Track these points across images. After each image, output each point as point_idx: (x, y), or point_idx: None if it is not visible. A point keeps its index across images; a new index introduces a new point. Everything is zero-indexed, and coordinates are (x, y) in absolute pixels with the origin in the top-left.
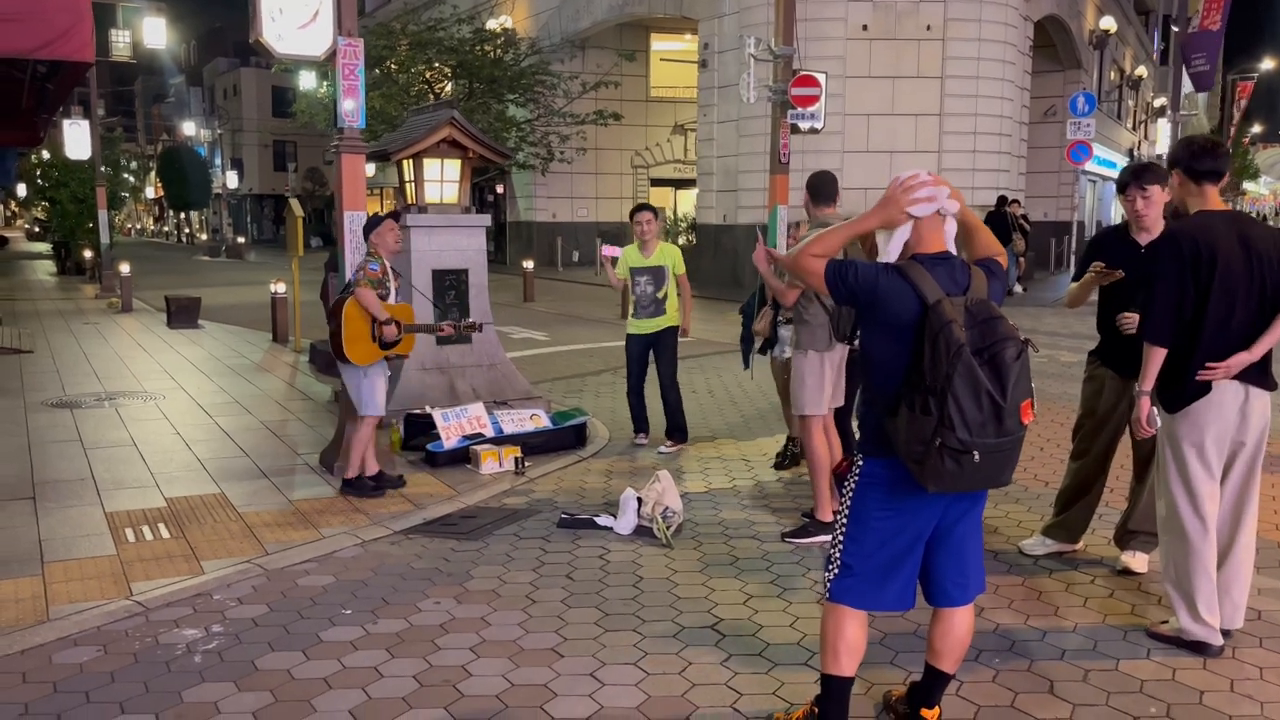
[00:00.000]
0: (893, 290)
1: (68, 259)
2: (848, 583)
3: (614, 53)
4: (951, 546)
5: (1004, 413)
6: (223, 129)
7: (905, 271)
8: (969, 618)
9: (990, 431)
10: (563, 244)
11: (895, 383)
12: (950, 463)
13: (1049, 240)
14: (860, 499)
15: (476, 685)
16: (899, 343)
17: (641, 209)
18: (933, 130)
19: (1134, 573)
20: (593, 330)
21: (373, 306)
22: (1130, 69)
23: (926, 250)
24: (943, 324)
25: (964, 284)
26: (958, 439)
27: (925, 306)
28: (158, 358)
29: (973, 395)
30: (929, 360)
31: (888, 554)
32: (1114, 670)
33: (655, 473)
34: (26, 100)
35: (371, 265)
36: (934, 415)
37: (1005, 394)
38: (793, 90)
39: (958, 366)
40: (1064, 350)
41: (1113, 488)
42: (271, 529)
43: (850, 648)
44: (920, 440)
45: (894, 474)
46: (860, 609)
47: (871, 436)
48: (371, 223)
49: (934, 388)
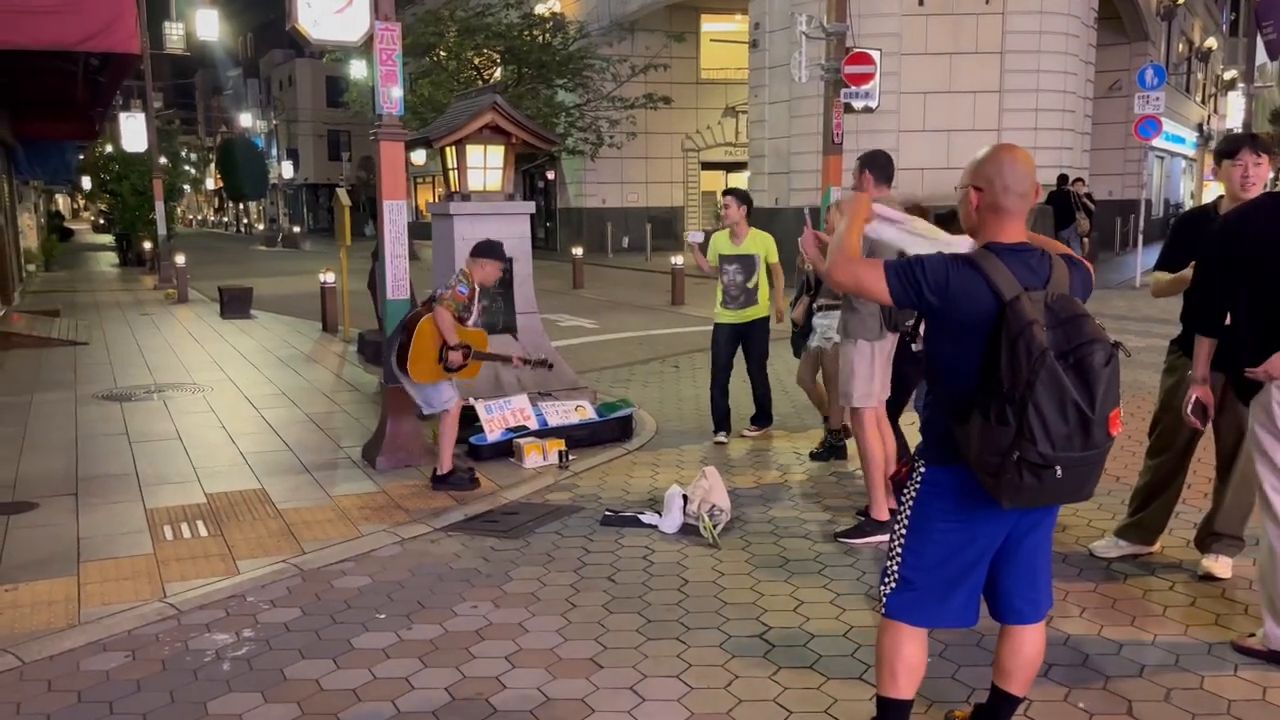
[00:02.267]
0: (965, 285)
1: (129, 250)
2: (907, 598)
3: (663, 35)
4: (1022, 560)
5: (1092, 425)
6: (278, 120)
7: (978, 263)
8: (1040, 636)
9: (1076, 445)
10: (613, 230)
11: (965, 385)
12: (1030, 478)
13: (1115, 220)
14: (922, 508)
15: (510, 699)
16: (970, 342)
17: (725, 193)
18: (992, 108)
19: (1217, 578)
20: (642, 317)
21: (447, 330)
22: (1199, 40)
23: (1002, 239)
24: (1023, 325)
25: (1044, 277)
26: (1039, 453)
27: (1001, 303)
28: (209, 348)
29: (1057, 406)
30: (1007, 365)
31: (952, 568)
32: (1198, 689)
33: (702, 468)
34: (81, 94)
35: (460, 288)
36: (1012, 426)
37: (1094, 405)
38: (846, 68)
39: (1040, 374)
40: (1131, 335)
41: (1190, 484)
42: (310, 526)
43: (909, 668)
44: (996, 452)
45: (960, 483)
46: (920, 626)
47: (936, 442)
48: (483, 249)
49: (1012, 396)
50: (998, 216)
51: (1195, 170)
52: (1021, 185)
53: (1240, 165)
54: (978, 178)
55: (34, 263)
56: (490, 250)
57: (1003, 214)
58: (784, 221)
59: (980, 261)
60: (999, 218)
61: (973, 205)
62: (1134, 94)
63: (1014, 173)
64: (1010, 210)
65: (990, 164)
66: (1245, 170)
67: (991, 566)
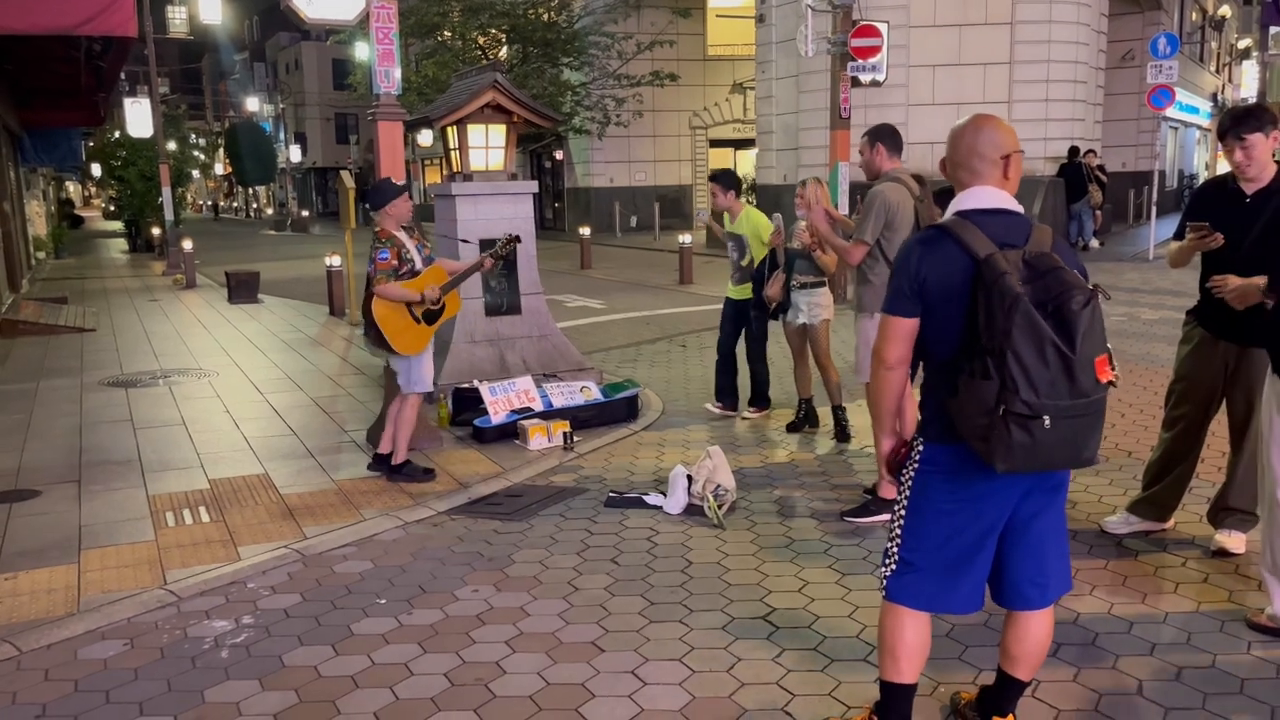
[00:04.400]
0: (936, 259)
1: (138, 237)
2: (907, 580)
3: (669, 11)
4: (1030, 543)
5: (1075, 367)
6: (285, 104)
7: (949, 229)
8: (1048, 622)
9: (1062, 391)
10: (620, 209)
11: (954, 355)
12: (1019, 432)
13: (1128, 191)
14: (920, 488)
15: (510, 684)
16: (952, 310)
17: (710, 178)
18: (1002, 80)
19: (1230, 554)
20: (650, 297)
21: (398, 296)
22: (1213, 9)
23: (977, 204)
24: (996, 275)
25: (1023, 236)
26: (1023, 401)
27: (976, 262)
28: (215, 334)
29: (1036, 349)
30: (984, 318)
31: (953, 550)
32: (1210, 667)
33: (707, 448)
34: (85, 80)
35: (381, 254)
36: (995, 379)
37: (1074, 346)
38: (853, 42)
39: (1015, 319)
40: (1144, 308)
41: (1204, 459)
42: (312, 511)
43: (910, 652)
44: (983, 410)
45: (959, 461)
46: (921, 610)
47: (934, 419)
48: (375, 198)
49: (991, 347)
50: (972, 178)
51: (1209, 141)
52: (994, 152)
53: (1229, 151)
54: (950, 145)
55: (43, 250)
56: (382, 193)
57: (980, 181)
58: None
59: (951, 228)
60: (971, 180)
61: (944, 172)
62: (1146, 63)
63: (982, 138)
64: (986, 178)
65: (964, 133)
66: (1232, 154)
67: (998, 551)
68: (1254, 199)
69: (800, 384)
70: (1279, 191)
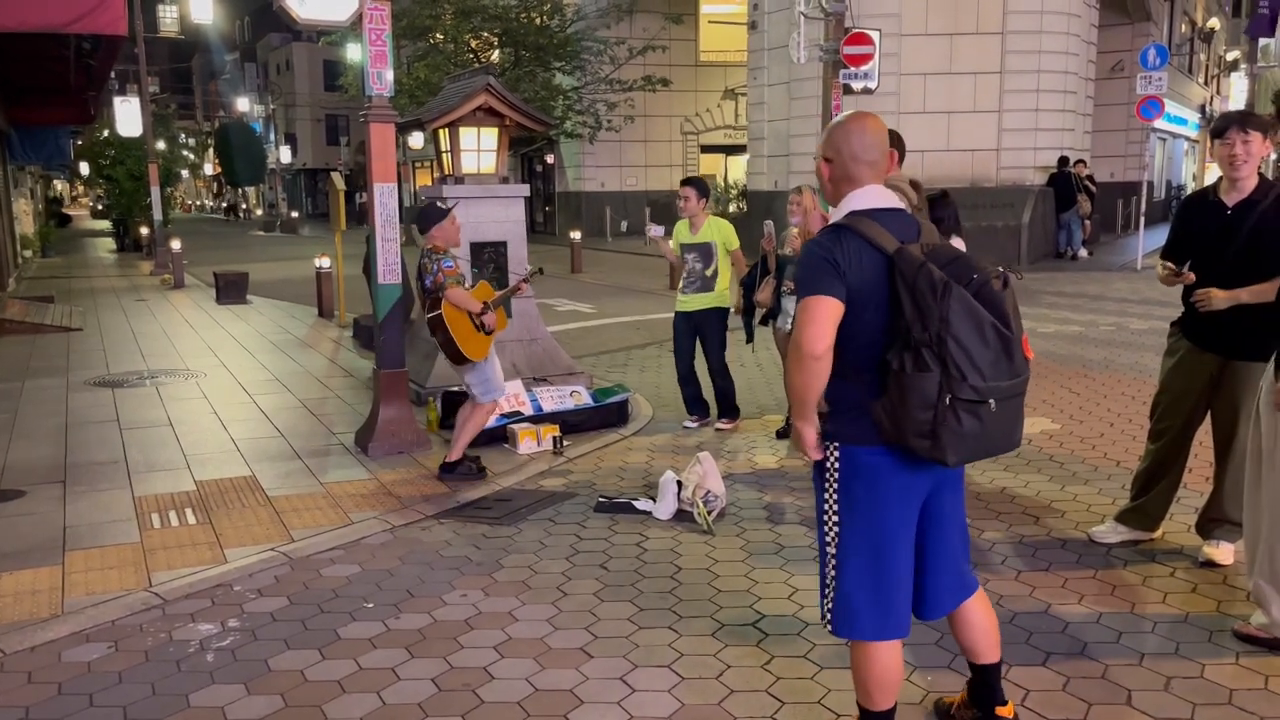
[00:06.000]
0: (849, 252)
1: (126, 236)
2: (856, 609)
3: (661, 16)
4: (945, 547)
5: (1013, 346)
6: (276, 104)
7: (852, 227)
8: (985, 600)
9: (1003, 371)
10: (611, 214)
11: (870, 353)
12: (969, 419)
13: (1117, 202)
14: (848, 499)
15: (498, 690)
16: (864, 305)
17: (683, 183)
18: (993, 89)
19: (1218, 565)
20: (641, 302)
21: (468, 303)
22: (1202, 21)
23: (866, 205)
24: (917, 267)
25: (915, 231)
26: (971, 387)
27: (886, 257)
28: (203, 334)
29: (976, 332)
30: (912, 310)
31: (889, 562)
32: (1199, 677)
33: (697, 454)
34: (74, 78)
35: (446, 263)
36: (934, 369)
37: (1009, 324)
38: (845, 49)
39: (951, 305)
40: (1133, 318)
41: (1192, 469)
42: (300, 514)
43: (881, 683)
44: (926, 405)
45: (881, 461)
46: (877, 640)
47: (848, 423)
48: (424, 219)
49: (926, 337)
50: (852, 185)
51: (1198, 152)
52: (871, 154)
53: (1228, 144)
54: (827, 148)
55: (30, 249)
56: (430, 215)
57: (856, 182)
58: (784, 204)
59: (854, 225)
60: (854, 186)
61: (825, 176)
62: (1136, 75)
63: (864, 141)
64: (863, 180)
65: (839, 133)
66: (1232, 146)
67: (917, 567)
68: (1234, 210)
69: None
70: (1260, 202)
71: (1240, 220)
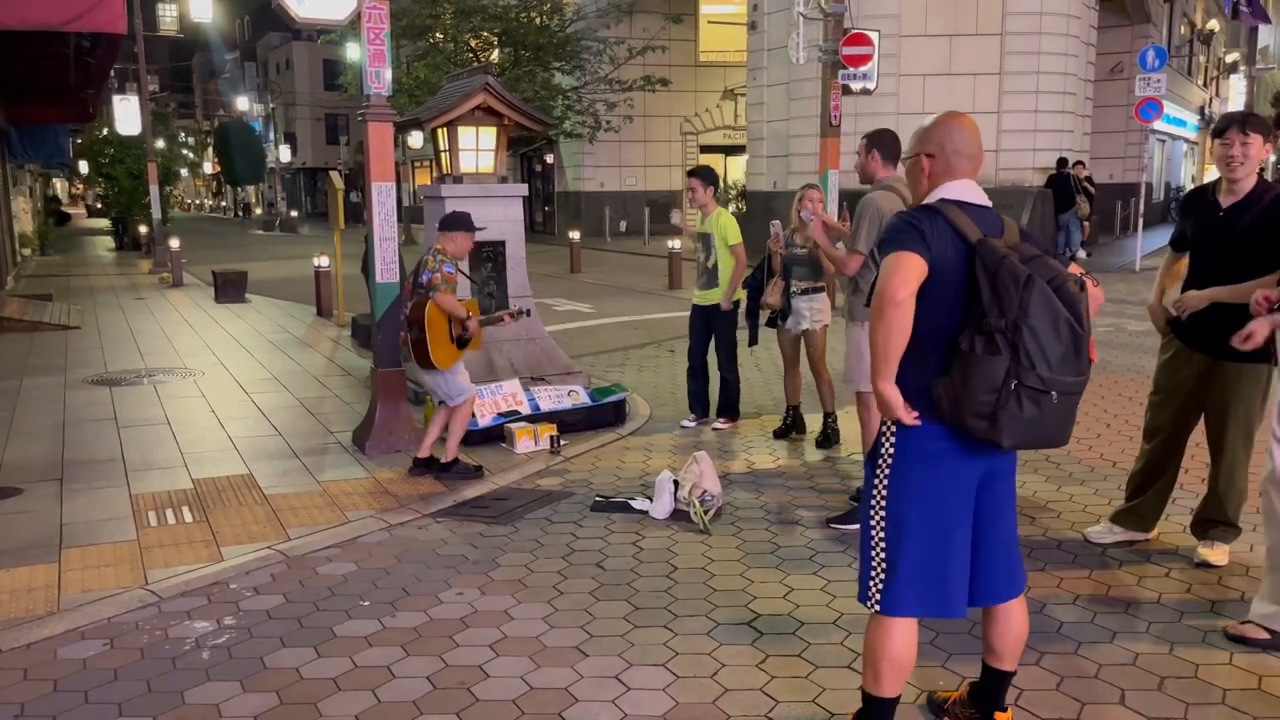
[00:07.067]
0: (935, 231)
1: (125, 235)
2: (901, 588)
3: (661, 16)
4: (996, 535)
5: (1082, 344)
6: (275, 103)
7: (939, 210)
8: (1024, 610)
9: (1070, 368)
10: (611, 214)
11: (939, 335)
12: (1030, 406)
13: (1116, 203)
14: (902, 479)
15: (493, 688)
16: (940, 286)
17: (689, 174)
18: (992, 90)
19: (1213, 566)
20: (639, 302)
21: (456, 309)
22: (1201, 23)
23: (963, 197)
24: (1000, 257)
25: (998, 230)
26: (1038, 376)
27: (968, 245)
28: (202, 333)
29: (1051, 325)
30: (991, 298)
31: (940, 544)
32: (1192, 677)
33: (694, 454)
34: (73, 77)
35: (447, 269)
36: (1004, 354)
37: (1083, 322)
38: (844, 50)
39: (1032, 296)
40: (1131, 319)
41: (1188, 469)
42: (296, 512)
43: (895, 666)
44: (991, 388)
45: (940, 445)
46: (914, 616)
47: (912, 402)
48: (451, 221)
49: (1004, 324)
50: (951, 178)
51: (1196, 154)
52: (970, 148)
53: (1227, 144)
54: (928, 144)
55: (29, 247)
56: (458, 222)
57: (956, 175)
58: (784, 205)
59: (941, 209)
60: (953, 179)
61: (925, 172)
62: (1135, 76)
63: (964, 137)
64: (962, 173)
65: (940, 130)
66: (1231, 146)
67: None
68: (1228, 211)
69: (790, 391)
70: (1255, 205)
71: (1232, 222)
